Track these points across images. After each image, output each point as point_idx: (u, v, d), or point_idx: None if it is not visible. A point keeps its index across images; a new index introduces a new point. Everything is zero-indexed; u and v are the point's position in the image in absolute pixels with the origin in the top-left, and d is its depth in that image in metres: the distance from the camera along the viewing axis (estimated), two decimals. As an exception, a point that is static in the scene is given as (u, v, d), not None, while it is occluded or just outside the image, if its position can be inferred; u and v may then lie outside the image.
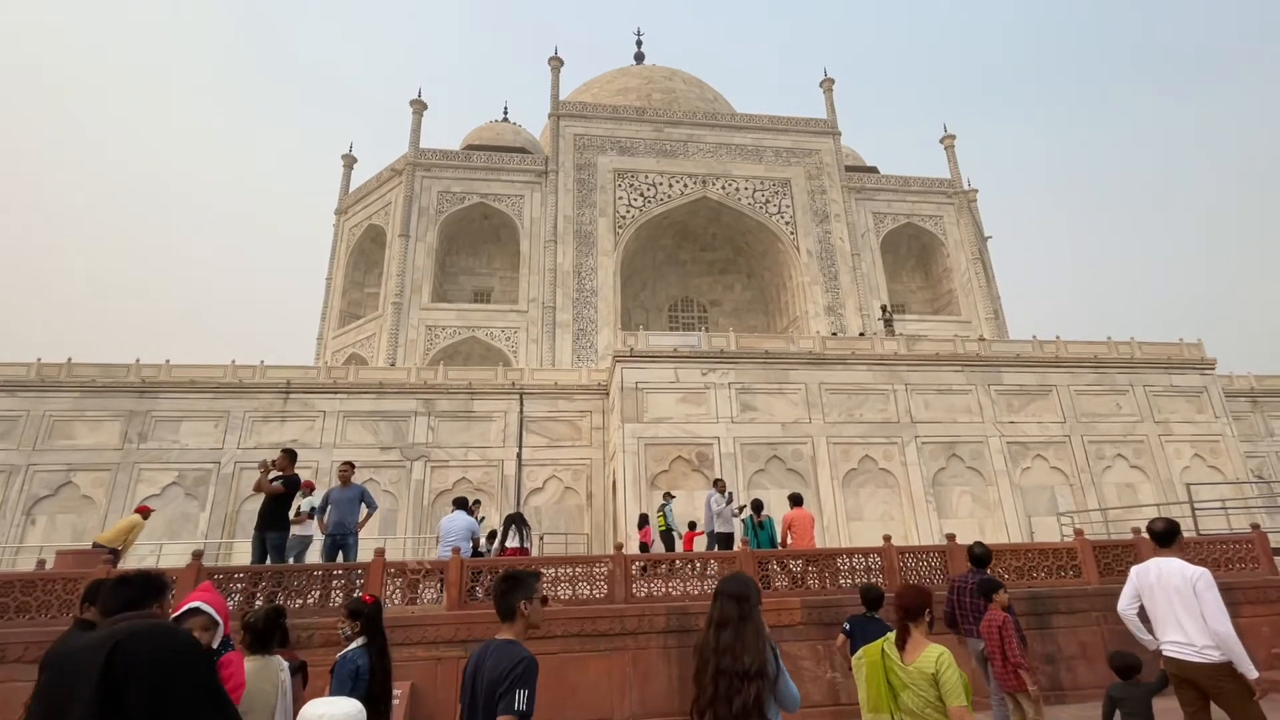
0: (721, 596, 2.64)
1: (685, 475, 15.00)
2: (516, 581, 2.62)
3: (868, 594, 5.24)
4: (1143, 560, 7.83)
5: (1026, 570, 7.32)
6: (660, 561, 7.38)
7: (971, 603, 5.42)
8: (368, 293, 29.98)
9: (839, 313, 27.41)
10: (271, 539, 7.08)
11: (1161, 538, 4.05)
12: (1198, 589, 3.66)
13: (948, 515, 15.73)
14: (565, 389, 18.72)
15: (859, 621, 5.07)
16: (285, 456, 7.31)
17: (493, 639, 2.56)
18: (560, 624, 6.33)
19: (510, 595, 2.57)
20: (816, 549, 8.12)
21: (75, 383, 17.03)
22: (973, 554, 5.75)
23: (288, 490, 7.25)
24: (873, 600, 5.18)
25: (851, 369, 16.55)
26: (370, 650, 3.55)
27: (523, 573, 2.70)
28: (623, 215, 27.86)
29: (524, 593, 2.58)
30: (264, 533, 7.07)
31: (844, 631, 5.09)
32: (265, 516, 7.09)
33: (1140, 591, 3.96)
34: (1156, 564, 3.96)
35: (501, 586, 2.62)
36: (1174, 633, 3.72)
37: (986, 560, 5.69)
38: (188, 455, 16.97)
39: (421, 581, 6.78)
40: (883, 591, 5.26)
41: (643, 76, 38.43)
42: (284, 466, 7.25)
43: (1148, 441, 16.98)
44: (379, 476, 17.30)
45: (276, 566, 6.65)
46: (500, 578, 2.68)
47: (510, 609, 2.56)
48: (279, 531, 7.15)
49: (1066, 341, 17.79)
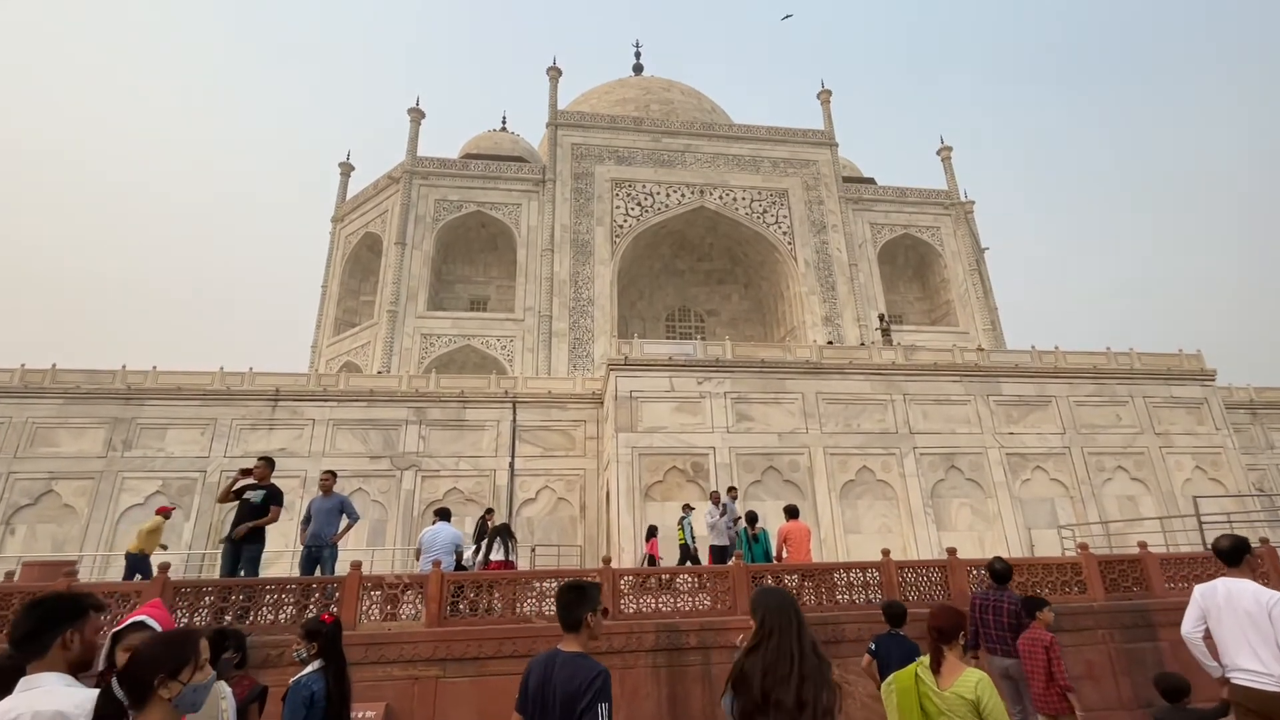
0: (772, 612, 2.40)
1: (680, 486, 14.72)
2: (581, 593, 2.60)
3: (890, 610, 5.04)
4: (1148, 576, 7.69)
5: (1030, 586, 7.05)
6: (649, 576, 7.10)
7: (998, 620, 5.21)
8: (363, 301, 29.81)
9: (836, 323, 27.28)
10: (248, 551, 6.78)
11: (1229, 556, 3.74)
12: (1274, 615, 3.37)
13: (947, 528, 15.45)
14: (559, 398, 18.47)
15: (885, 640, 4.88)
16: (264, 465, 7.02)
17: (554, 650, 2.54)
18: (544, 642, 6.04)
19: (577, 607, 2.56)
20: (812, 563, 7.86)
21: (59, 389, 16.73)
22: (994, 570, 5.53)
23: (268, 501, 6.95)
24: (896, 616, 4.99)
25: (849, 379, 16.35)
26: (327, 674, 3.29)
27: (587, 584, 2.70)
28: (620, 224, 27.80)
29: (589, 605, 2.57)
30: (240, 544, 6.76)
31: (869, 651, 4.88)
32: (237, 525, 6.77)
33: (1206, 614, 3.64)
34: (1225, 584, 3.64)
35: (567, 597, 2.61)
36: (1248, 660, 3.42)
37: (1008, 576, 5.49)
38: (173, 464, 16.63)
39: (400, 596, 6.49)
40: (906, 608, 5.06)
41: (641, 87, 38.65)
42: (263, 475, 6.97)
43: (1148, 453, 16.77)
44: (368, 486, 16.99)
45: (249, 580, 6.33)
46: (564, 588, 2.66)
47: (576, 621, 2.55)
48: (256, 543, 6.85)
49: (1065, 352, 17.63)
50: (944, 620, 2.89)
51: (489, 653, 6.06)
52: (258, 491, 6.87)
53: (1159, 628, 6.82)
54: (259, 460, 7.10)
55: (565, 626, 2.55)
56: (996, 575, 5.51)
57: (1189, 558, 7.67)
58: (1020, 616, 5.10)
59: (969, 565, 7.18)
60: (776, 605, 2.42)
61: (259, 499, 6.84)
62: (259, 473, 6.99)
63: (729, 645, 6.25)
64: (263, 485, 6.94)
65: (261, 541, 6.93)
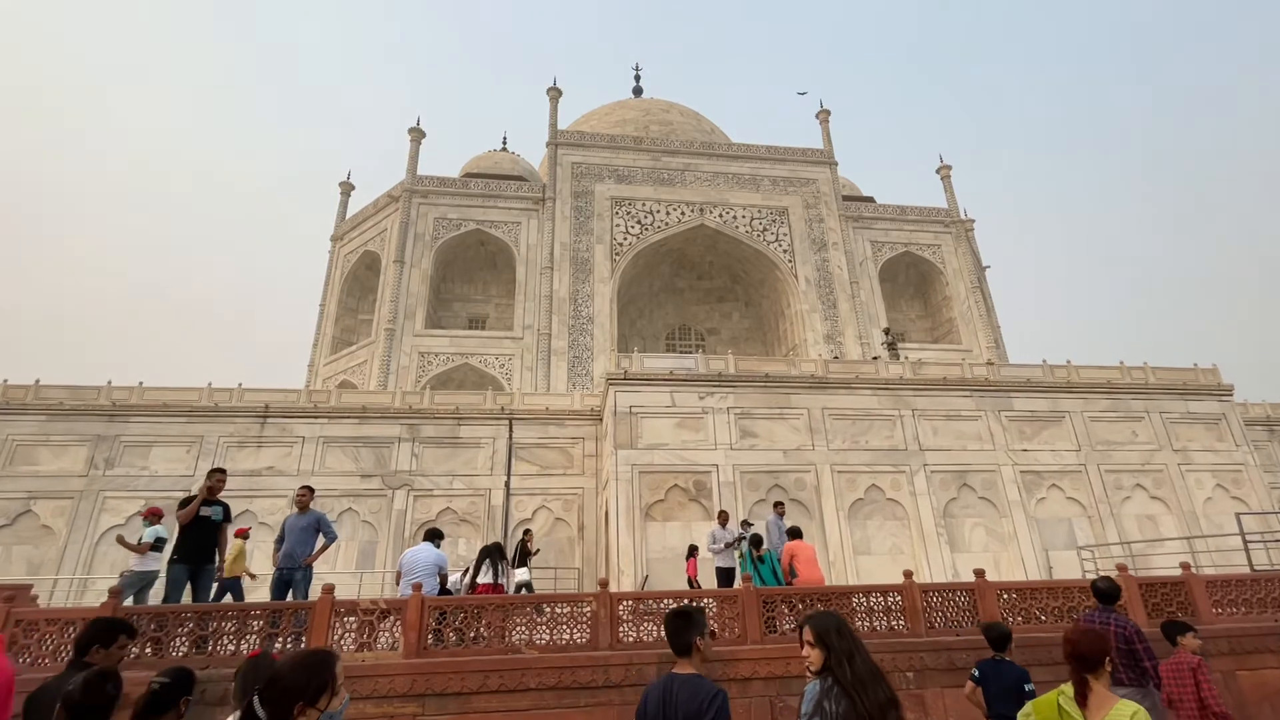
0: (841, 634, 2.42)
1: (682, 506, 14.12)
2: (688, 619, 2.71)
3: (992, 632, 4.61)
4: (1194, 601, 7.10)
5: (1066, 611, 6.48)
6: (646, 599, 6.51)
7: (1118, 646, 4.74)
8: (361, 320, 29.52)
9: (838, 341, 26.91)
10: (208, 571, 6.20)
11: None
12: None
13: (960, 549, 14.79)
14: (557, 414, 17.95)
15: (989, 666, 4.48)
16: (222, 476, 6.46)
17: (670, 674, 2.65)
18: (534, 675, 5.46)
19: (686, 632, 2.67)
20: (828, 587, 7.28)
21: (42, 405, 16.24)
22: (1099, 589, 5.06)
23: (225, 518, 6.39)
24: (999, 639, 4.56)
25: (855, 393, 15.87)
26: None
27: (693, 610, 2.79)
28: (620, 242, 27.66)
29: (696, 629, 2.68)
30: (198, 565, 6.16)
31: (972, 678, 4.51)
32: (198, 545, 6.18)
33: None
34: None
35: (676, 623, 2.72)
36: None
37: (1115, 596, 5.03)
38: (157, 483, 16.04)
39: (376, 624, 5.91)
40: (1010, 630, 4.64)
41: (641, 109, 39.05)
42: (218, 488, 6.36)
43: (1167, 471, 16.18)
44: (358, 506, 16.37)
45: (201, 606, 5.74)
46: (673, 614, 2.77)
47: (686, 645, 2.66)
48: (211, 564, 6.27)
49: (1078, 366, 17.18)
50: (1086, 646, 2.58)
51: (473, 687, 5.47)
52: (215, 508, 6.32)
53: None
54: (217, 472, 6.52)
55: (677, 651, 2.69)
56: (1102, 595, 5.01)
57: (1236, 580, 7.08)
58: (1134, 641, 4.66)
59: (999, 589, 6.61)
60: (836, 625, 2.41)
61: (219, 516, 6.29)
62: (217, 485, 6.39)
63: (739, 678, 5.65)
64: (218, 501, 6.38)
65: (215, 561, 6.34)
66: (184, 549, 6.19)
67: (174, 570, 6.19)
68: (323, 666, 1.91)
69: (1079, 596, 6.69)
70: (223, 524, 6.35)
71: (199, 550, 6.24)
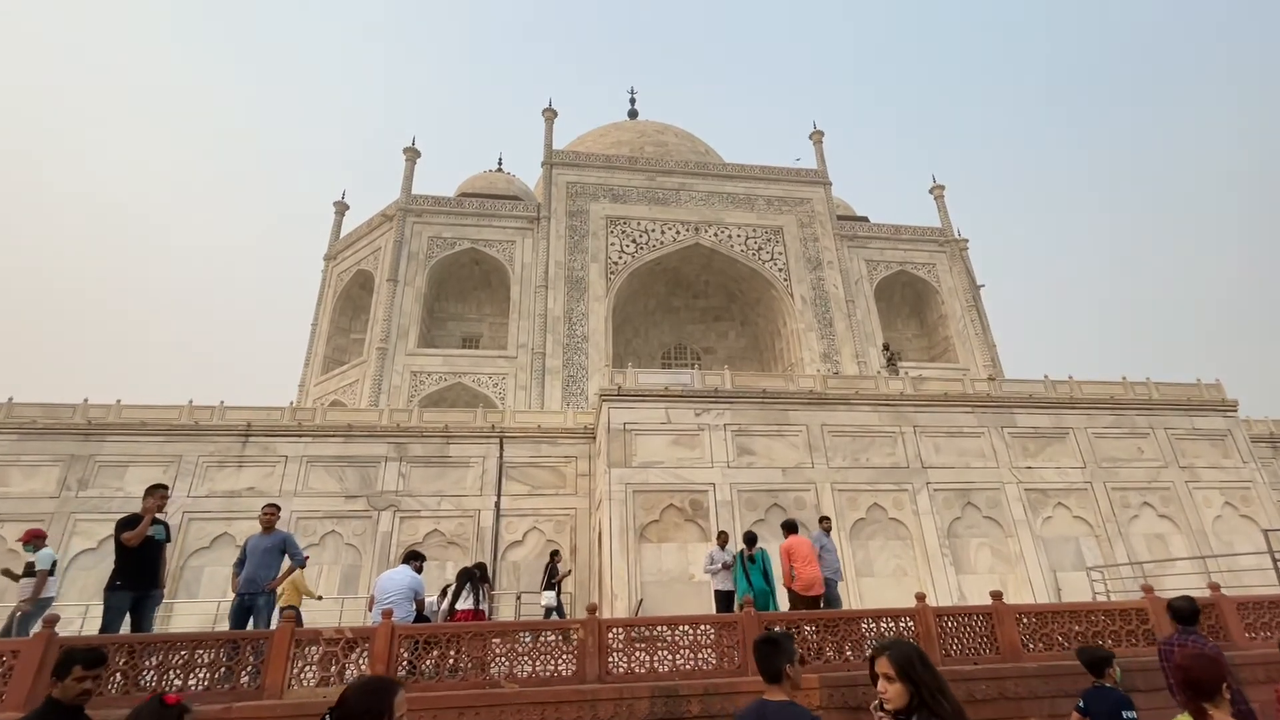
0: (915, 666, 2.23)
1: (678, 526, 13.59)
2: (777, 645, 2.71)
3: (1088, 656, 4.30)
4: (1225, 623, 6.66)
5: (1089, 636, 6.03)
6: (639, 625, 6.01)
7: None
8: (353, 339, 29.13)
9: (835, 359, 26.66)
10: (154, 597, 5.69)
11: None
12: None
13: (966, 570, 14.27)
14: (549, 432, 17.48)
15: (1094, 695, 4.15)
16: (165, 492, 5.94)
17: (761, 701, 2.63)
18: (512, 711, 4.95)
19: (775, 659, 2.67)
20: (835, 612, 6.78)
21: (14, 424, 15.67)
22: (1179, 610, 4.71)
23: (168, 536, 5.92)
24: (1097, 664, 4.24)
25: (855, 409, 15.50)
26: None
27: (780, 635, 2.79)
28: (615, 261, 27.54)
29: (785, 656, 2.67)
30: (144, 591, 5.64)
31: (1078, 709, 4.19)
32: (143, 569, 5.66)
33: None
34: None
35: (763, 650, 2.73)
36: None
37: (1196, 616, 4.69)
38: (131, 505, 15.17)
39: (342, 655, 5.39)
40: (1109, 653, 4.31)
41: (636, 130, 39.44)
42: (157, 506, 5.86)
43: (1174, 488, 15.79)
44: (342, 528, 15.74)
45: (144, 636, 5.20)
46: (760, 641, 2.78)
47: (776, 672, 2.64)
48: (158, 589, 5.76)
49: (1080, 381, 16.90)
50: (1201, 672, 2.38)
51: (447, 725, 4.95)
52: (157, 527, 5.83)
53: (1247, 685, 5.77)
54: (159, 488, 6.01)
55: (767, 679, 2.68)
56: (1182, 616, 4.66)
57: (1270, 601, 6.65)
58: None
59: (1019, 612, 6.15)
60: (920, 655, 2.22)
61: (161, 535, 5.82)
62: (159, 503, 5.90)
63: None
64: (159, 520, 5.89)
65: (161, 586, 5.83)
66: (128, 574, 5.66)
67: (115, 598, 5.64)
68: (386, 693, 2.03)
69: (1103, 620, 6.24)
70: (164, 544, 5.86)
71: (145, 574, 5.74)
